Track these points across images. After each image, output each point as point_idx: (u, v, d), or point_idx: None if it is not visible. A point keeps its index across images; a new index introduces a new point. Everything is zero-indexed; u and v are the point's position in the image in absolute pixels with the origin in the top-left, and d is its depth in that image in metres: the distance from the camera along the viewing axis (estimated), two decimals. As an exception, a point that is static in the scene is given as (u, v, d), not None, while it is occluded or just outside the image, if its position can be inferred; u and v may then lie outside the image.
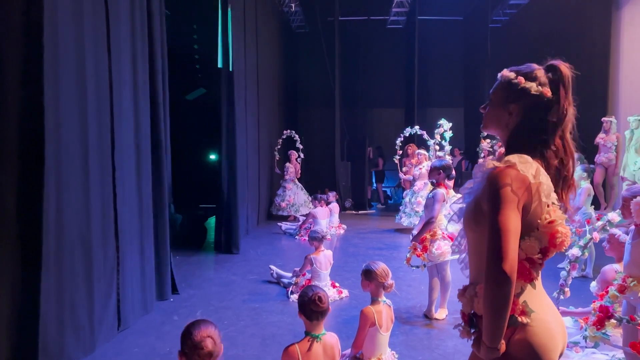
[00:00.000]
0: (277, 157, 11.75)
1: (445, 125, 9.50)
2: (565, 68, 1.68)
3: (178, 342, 4.24)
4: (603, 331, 2.97)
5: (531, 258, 1.57)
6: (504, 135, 1.70)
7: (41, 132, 3.29)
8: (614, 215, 3.51)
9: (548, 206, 1.58)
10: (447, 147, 9.62)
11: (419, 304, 5.17)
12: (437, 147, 9.59)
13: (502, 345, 1.52)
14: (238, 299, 5.50)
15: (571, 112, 1.66)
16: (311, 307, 2.54)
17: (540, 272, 1.62)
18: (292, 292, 5.53)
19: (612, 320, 2.96)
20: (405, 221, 9.38)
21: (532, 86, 1.63)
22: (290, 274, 5.85)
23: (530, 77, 1.65)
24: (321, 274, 5.45)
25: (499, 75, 1.74)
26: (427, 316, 4.86)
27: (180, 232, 9.28)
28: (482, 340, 1.53)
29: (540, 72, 1.67)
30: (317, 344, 2.53)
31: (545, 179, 1.57)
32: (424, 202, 8.88)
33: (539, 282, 1.64)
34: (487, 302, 1.50)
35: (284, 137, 11.75)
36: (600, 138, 9.24)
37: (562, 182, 1.65)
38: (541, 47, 12.51)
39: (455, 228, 5.00)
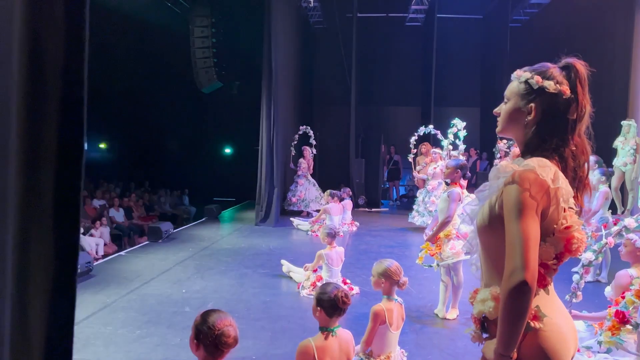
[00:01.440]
0: (293, 152, 11.77)
1: (458, 124, 9.42)
2: (580, 66, 1.65)
3: (189, 332, 4.27)
4: (618, 336, 2.93)
5: (546, 263, 1.53)
6: (521, 136, 1.66)
7: (81, 126, 3.23)
8: (631, 221, 3.46)
9: (565, 211, 1.54)
10: (462, 147, 9.51)
11: (430, 303, 5.14)
12: (451, 147, 9.51)
13: (514, 353, 1.50)
14: (249, 293, 5.53)
15: (588, 110, 1.63)
16: (336, 305, 2.52)
17: (553, 277, 1.60)
18: (303, 287, 5.54)
19: (628, 326, 2.92)
20: (418, 220, 9.33)
21: (550, 84, 1.60)
22: (301, 269, 5.86)
23: (546, 75, 1.62)
24: (333, 270, 5.45)
25: (513, 75, 1.71)
26: (438, 316, 4.84)
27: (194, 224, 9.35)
28: (496, 347, 1.50)
29: (555, 70, 1.64)
30: (333, 337, 2.53)
31: (564, 183, 1.54)
32: (437, 202, 8.87)
33: (551, 286, 1.60)
34: (506, 311, 1.47)
35: (300, 132, 11.75)
36: (619, 141, 9.09)
37: (577, 182, 1.61)
38: (561, 47, 12.20)
39: (469, 228, 4.97)
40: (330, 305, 2.54)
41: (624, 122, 9.11)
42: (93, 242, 8.73)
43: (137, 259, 7.06)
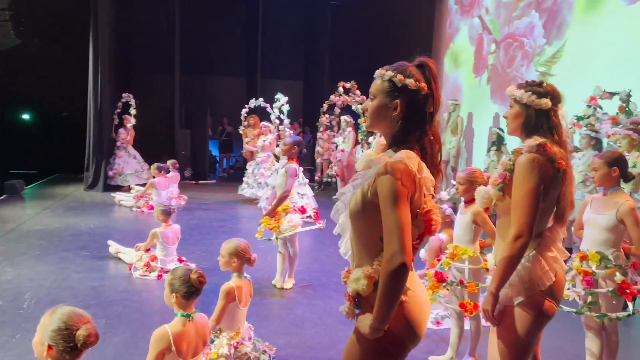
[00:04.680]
0: (116, 121, 10.89)
1: (282, 99, 9.68)
2: (432, 64, 1.86)
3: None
4: (437, 294, 3.41)
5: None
6: (388, 130, 1.81)
7: None
8: (444, 194, 4.01)
9: (425, 197, 1.74)
10: (286, 121, 9.80)
11: (267, 274, 5.29)
12: (278, 121, 9.75)
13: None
14: (73, 278, 5.07)
15: (441, 103, 1.86)
16: (193, 286, 2.48)
17: (415, 255, 1.80)
18: (135, 269, 5.26)
19: (443, 284, 3.42)
20: (247, 192, 9.46)
21: (411, 82, 1.77)
22: (131, 249, 5.54)
23: (406, 74, 1.79)
24: (168, 248, 5.28)
25: (377, 73, 1.84)
26: (276, 286, 5.04)
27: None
28: (372, 322, 1.65)
29: (413, 68, 1.82)
30: (190, 323, 2.49)
31: (426, 173, 1.74)
32: (266, 174, 9.09)
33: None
34: (385, 290, 1.62)
35: (123, 100, 10.88)
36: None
37: (433, 168, 1.81)
38: (374, 27, 13.43)
39: (306, 202, 5.23)
40: (187, 289, 2.50)
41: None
42: None
43: None
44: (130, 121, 10.73)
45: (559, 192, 2.15)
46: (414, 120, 1.78)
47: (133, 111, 10.83)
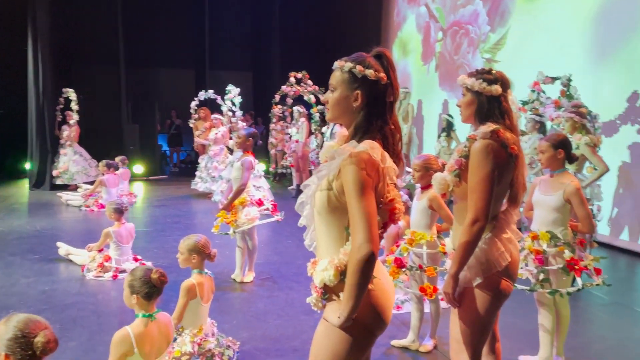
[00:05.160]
0: (60, 117, 10.44)
1: (233, 91, 9.56)
2: (389, 54, 1.88)
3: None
4: (397, 279, 3.48)
5: None
6: (350, 121, 1.82)
7: None
8: (400, 182, 4.07)
9: (388, 186, 1.77)
10: (238, 113, 9.68)
11: (226, 269, 5.24)
12: (231, 113, 9.62)
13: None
14: (22, 283, 4.86)
15: (399, 91, 1.88)
16: (154, 286, 2.43)
17: (379, 243, 1.82)
18: (88, 270, 5.10)
19: (403, 270, 3.48)
20: (201, 186, 9.31)
21: (371, 73, 1.77)
22: (83, 250, 5.36)
23: (366, 64, 1.79)
24: (123, 248, 5.13)
25: (335, 64, 1.84)
26: (236, 280, 5.00)
27: None
28: (342, 311, 1.65)
29: (371, 59, 1.83)
30: (152, 323, 2.44)
31: (389, 163, 1.76)
32: (219, 167, 8.97)
33: None
34: (355, 280, 1.62)
35: (65, 95, 10.42)
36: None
37: (394, 156, 1.83)
38: (323, 17, 13.42)
39: (263, 195, 5.21)
40: (148, 289, 2.44)
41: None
42: None
43: None
44: (73, 117, 10.31)
45: (512, 176, 2.23)
46: (375, 110, 1.79)
47: (75, 106, 10.37)
